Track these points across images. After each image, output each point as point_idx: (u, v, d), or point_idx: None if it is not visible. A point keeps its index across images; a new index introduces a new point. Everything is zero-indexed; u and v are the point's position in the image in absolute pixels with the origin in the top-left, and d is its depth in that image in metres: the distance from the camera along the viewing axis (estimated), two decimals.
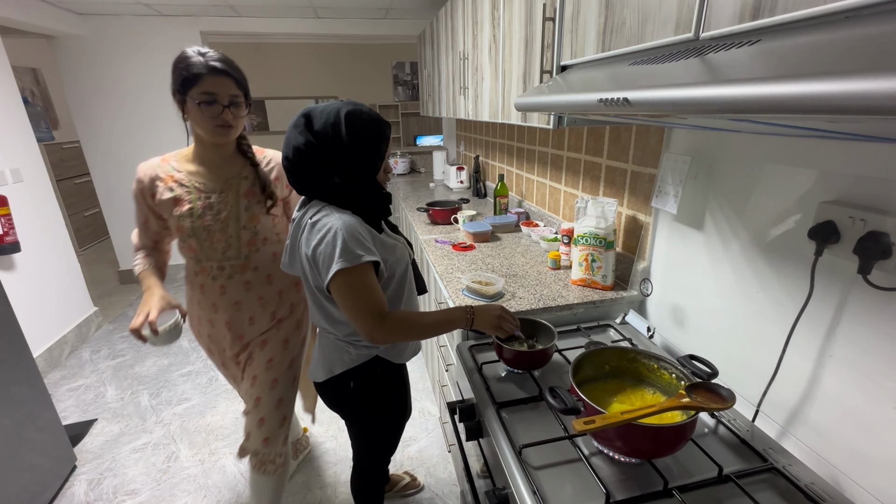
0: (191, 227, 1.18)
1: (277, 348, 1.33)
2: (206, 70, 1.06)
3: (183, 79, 1.07)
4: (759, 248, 0.94)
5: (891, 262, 0.69)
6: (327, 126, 0.95)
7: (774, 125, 0.68)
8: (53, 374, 2.65)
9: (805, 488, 0.75)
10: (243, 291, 1.26)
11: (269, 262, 1.27)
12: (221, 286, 1.24)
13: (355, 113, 0.97)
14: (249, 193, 1.23)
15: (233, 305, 1.26)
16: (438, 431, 2.07)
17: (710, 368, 0.91)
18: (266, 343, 1.32)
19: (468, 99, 2.08)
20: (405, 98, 6.35)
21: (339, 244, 0.91)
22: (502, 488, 0.87)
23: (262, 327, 1.31)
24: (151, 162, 1.21)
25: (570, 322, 1.35)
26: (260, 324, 1.31)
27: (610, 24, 0.87)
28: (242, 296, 1.26)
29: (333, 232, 0.92)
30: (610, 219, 1.34)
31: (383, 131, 1.00)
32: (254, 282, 1.26)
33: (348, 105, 0.98)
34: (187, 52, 1.08)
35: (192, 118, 1.11)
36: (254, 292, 1.27)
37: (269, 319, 1.32)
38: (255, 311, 1.29)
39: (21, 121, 2.66)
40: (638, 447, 0.79)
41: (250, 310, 1.28)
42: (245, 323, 1.29)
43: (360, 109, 0.98)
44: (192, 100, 1.07)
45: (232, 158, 1.24)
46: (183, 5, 3.18)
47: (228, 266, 1.23)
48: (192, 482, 1.85)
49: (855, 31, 0.43)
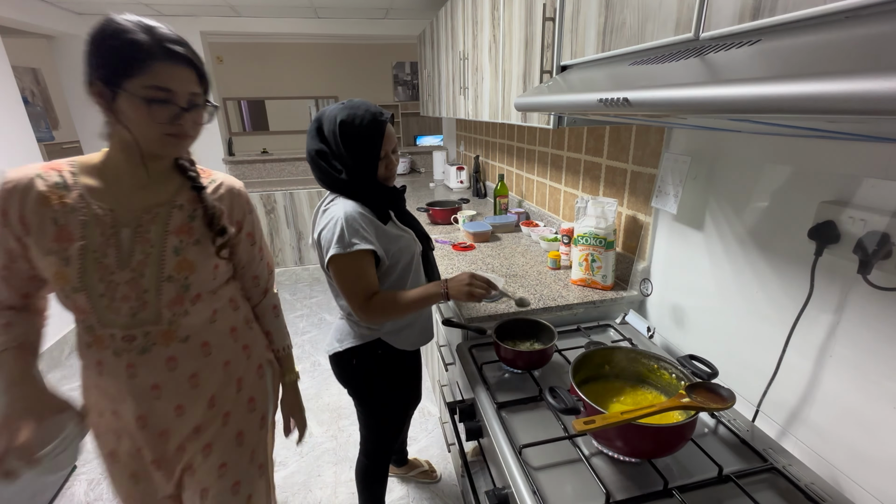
0: (79, 277, 0.77)
1: (229, 448, 0.94)
2: (160, 54, 0.72)
3: (119, 61, 0.71)
4: (759, 248, 0.94)
5: (891, 262, 0.69)
6: (330, 133, 1.08)
7: (774, 125, 0.68)
8: (53, 374, 2.65)
9: (805, 488, 0.75)
10: (164, 372, 0.84)
11: (204, 327, 0.88)
12: (129, 365, 0.82)
13: (347, 121, 1.06)
14: (183, 230, 0.84)
15: (148, 392, 0.84)
16: (438, 431, 2.07)
17: (710, 368, 0.91)
18: (210, 448, 0.92)
19: (468, 99, 2.08)
20: (405, 98, 6.35)
21: (338, 232, 1.03)
22: (502, 488, 0.87)
23: (195, 419, 0.89)
24: (27, 169, 0.77)
25: (570, 322, 1.35)
26: (192, 414, 0.89)
27: (610, 24, 0.87)
28: (163, 378, 0.84)
29: (335, 220, 1.05)
30: (610, 219, 1.34)
31: (373, 136, 1.08)
32: (182, 357, 0.85)
33: (344, 112, 1.06)
34: (122, 23, 0.71)
35: (129, 119, 0.73)
36: (181, 371, 0.86)
37: (205, 407, 0.90)
38: (185, 398, 0.87)
39: (21, 121, 2.65)
40: (638, 447, 0.79)
41: (176, 397, 0.86)
42: (170, 415, 0.87)
43: (354, 115, 1.06)
44: (133, 95, 0.71)
45: (164, 177, 0.85)
46: (183, 5, 3.18)
47: (141, 335, 0.81)
48: None
49: (855, 31, 0.43)
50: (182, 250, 0.83)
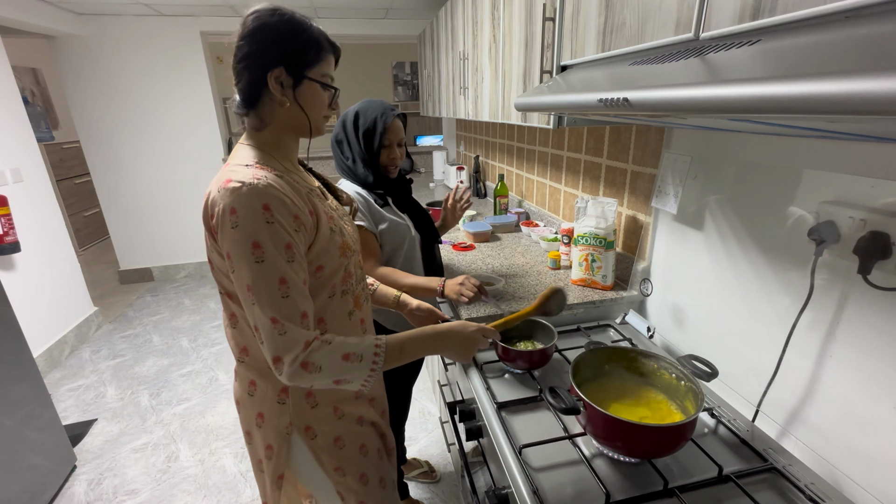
0: (352, 240, 0.90)
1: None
2: (328, 46, 0.80)
3: (307, 52, 0.78)
4: (759, 248, 0.94)
5: (891, 262, 0.69)
6: (347, 123, 1.26)
7: (774, 125, 0.68)
8: (53, 374, 2.65)
9: (805, 488, 0.75)
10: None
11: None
12: (363, 317, 0.96)
13: (360, 112, 1.25)
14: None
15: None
16: (438, 431, 2.07)
17: (710, 368, 0.91)
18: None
19: (468, 99, 2.08)
20: (405, 98, 6.35)
21: None
22: (502, 488, 0.87)
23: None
24: (259, 175, 0.73)
25: (570, 322, 1.35)
26: None
27: (610, 24, 0.87)
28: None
29: None
30: (610, 219, 1.34)
31: (376, 126, 1.23)
32: (367, 317, 0.99)
33: (361, 105, 1.26)
34: (301, 19, 0.78)
35: (308, 102, 0.80)
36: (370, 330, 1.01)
37: None
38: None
39: (21, 121, 2.66)
40: (638, 447, 0.79)
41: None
42: None
43: (368, 108, 1.25)
44: (313, 81, 0.79)
45: None
46: (183, 5, 3.19)
47: (361, 289, 0.96)
48: (192, 482, 1.85)
49: (855, 31, 0.43)
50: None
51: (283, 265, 0.72)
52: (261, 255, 0.70)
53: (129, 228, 3.88)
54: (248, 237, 0.70)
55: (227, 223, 0.71)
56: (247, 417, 0.90)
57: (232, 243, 0.71)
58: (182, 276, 4.13)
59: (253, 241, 0.70)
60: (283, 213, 0.72)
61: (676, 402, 0.89)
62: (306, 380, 0.74)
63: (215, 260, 0.79)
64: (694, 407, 0.82)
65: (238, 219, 0.70)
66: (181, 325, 3.22)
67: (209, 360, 2.74)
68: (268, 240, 0.71)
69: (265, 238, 0.70)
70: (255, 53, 0.75)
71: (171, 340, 3.00)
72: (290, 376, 0.73)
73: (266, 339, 0.72)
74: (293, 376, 0.73)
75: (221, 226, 0.71)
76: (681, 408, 0.88)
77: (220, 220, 0.72)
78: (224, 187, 0.72)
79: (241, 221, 0.70)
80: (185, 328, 3.17)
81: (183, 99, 3.65)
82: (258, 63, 0.75)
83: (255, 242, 0.70)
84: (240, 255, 0.71)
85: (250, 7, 0.77)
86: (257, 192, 0.71)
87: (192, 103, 3.68)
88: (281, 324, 0.71)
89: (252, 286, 0.71)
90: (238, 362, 0.89)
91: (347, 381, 0.77)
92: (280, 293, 0.72)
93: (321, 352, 0.74)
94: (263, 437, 0.88)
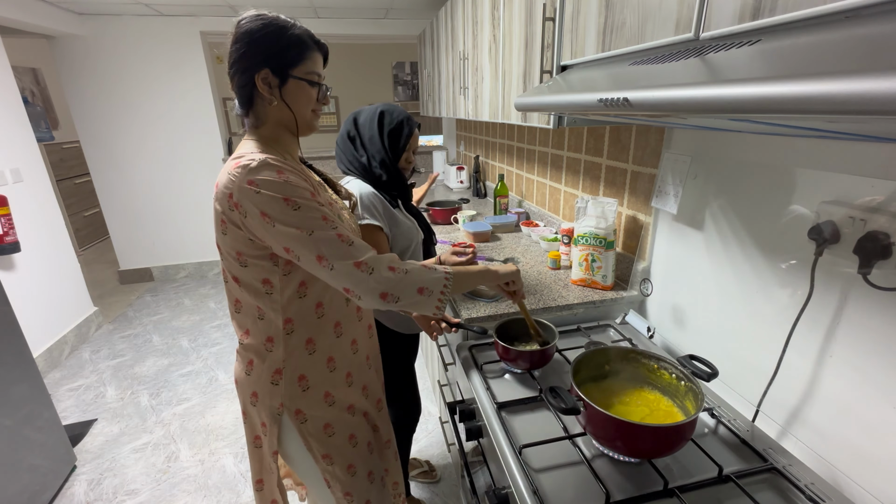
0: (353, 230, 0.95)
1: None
2: (312, 45, 0.86)
3: (291, 52, 0.83)
4: (759, 248, 0.94)
5: (891, 262, 0.69)
6: (366, 120, 1.26)
7: (774, 125, 0.68)
8: (53, 374, 2.65)
9: (805, 488, 0.75)
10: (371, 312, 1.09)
11: None
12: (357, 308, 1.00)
13: (387, 112, 1.27)
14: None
15: (367, 330, 1.05)
16: (438, 431, 2.07)
17: (710, 368, 0.91)
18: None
19: (468, 99, 2.08)
20: (405, 98, 6.35)
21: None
22: (502, 488, 0.87)
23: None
24: (266, 154, 0.82)
25: (570, 322, 1.35)
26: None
27: (610, 24, 0.87)
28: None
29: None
30: (610, 219, 1.34)
31: (402, 128, 1.27)
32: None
33: (384, 106, 1.28)
34: (284, 20, 0.83)
35: (295, 100, 0.85)
36: (366, 320, 1.07)
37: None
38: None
39: (21, 121, 2.66)
40: (638, 447, 0.79)
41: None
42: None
43: (393, 109, 1.28)
44: (299, 80, 0.85)
45: None
46: (183, 5, 3.18)
47: None
48: (192, 482, 1.85)
49: (855, 31, 0.43)
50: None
51: (317, 206, 0.79)
52: (295, 203, 0.77)
53: (129, 228, 3.88)
54: (278, 193, 0.76)
55: (249, 195, 0.76)
56: (244, 396, 0.94)
57: (264, 204, 0.76)
58: (182, 276, 4.13)
59: (283, 197, 0.77)
60: (295, 176, 0.80)
61: (676, 402, 0.89)
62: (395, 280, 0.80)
63: (224, 244, 0.83)
64: (694, 407, 0.82)
65: (258, 186, 0.76)
66: (181, 325, 3.22)
67: (209, 360, 2.74)
68: (292, 192, 0.78)
69: (290, 192, 0.77)
70: (242, 58, 0.81)
71: (171, 340, 3.00)
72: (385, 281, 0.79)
73: (359, 281, 0.78)
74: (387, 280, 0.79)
75: (245, 201, 0.77)
76: (681, 408, 0.88)
77: (240, 198, 0.77)
78: (236, 167, 0.78)
79: (262, 186, 0.76)
80: (185, 328, 3.17)
81: (183, 99, 3.65)
82: (246, 66, 0.81)
83: (284, 198, 0.77)
84: (276, 211, 0.76)
85: (247, 9, 0.82)
86: (268, 164, 0.78)
87: (192, 103, 3.68)
88: (364, 263, 0.78)
89: (316, 250, 0.77)
90: (240, 344, 0.93)
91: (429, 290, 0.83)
92: (334, 230, 0.79)
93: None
94: (258, 415, 0.92)
